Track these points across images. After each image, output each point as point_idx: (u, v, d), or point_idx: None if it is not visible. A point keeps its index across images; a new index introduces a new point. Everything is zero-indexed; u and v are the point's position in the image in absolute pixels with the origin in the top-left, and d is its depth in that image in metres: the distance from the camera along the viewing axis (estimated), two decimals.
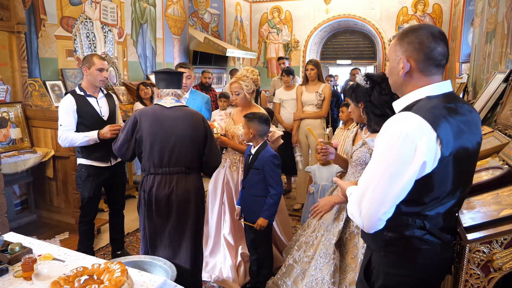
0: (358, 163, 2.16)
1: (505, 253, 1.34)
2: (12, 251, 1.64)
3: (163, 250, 2.31)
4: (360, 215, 1.23)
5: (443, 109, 1.20)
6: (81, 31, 4.74)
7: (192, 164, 2.32)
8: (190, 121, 2.29)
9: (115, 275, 1.40)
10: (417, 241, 1.28)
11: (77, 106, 2.81)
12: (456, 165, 1.21)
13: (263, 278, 2.67)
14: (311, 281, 2.20)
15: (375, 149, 1.27)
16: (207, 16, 7.91)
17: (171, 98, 2.33)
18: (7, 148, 3.51)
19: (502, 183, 1.76)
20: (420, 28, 1.27)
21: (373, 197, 1.20)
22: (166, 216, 2.28)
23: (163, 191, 2.25)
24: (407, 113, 1.20)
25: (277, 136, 2.88)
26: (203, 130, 2.33)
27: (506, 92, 2.78)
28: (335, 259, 2.12)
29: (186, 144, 2.27)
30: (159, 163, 2.26)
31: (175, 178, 2.26)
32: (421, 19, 8.23)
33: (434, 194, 1.23)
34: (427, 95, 1.25)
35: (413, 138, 1.15)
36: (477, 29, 4.74)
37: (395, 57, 1.31)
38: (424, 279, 1.33)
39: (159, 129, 2.25)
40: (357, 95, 2.07)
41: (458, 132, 1.20)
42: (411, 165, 1.16)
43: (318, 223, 2.38)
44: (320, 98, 4.20)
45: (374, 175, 1.21)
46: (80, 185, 2.92)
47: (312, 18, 9.20)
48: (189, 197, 2.30)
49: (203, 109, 3.30)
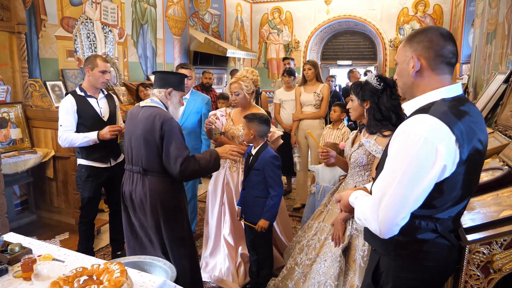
0: (356, 165, 2.16)
1: (505, 254, 1.33)
2: (12, 252, 1.64)
3: (135, 248, 2.36)
4: (378, 220, 1.19)
5: (459, 112, 1.19)
6: (82, 31, 4.74)
7: (150, 166, 2.21)
8: (146, 123, 2.19)
9: (115, 276, 1.40)
10: (428, 244, 1.27)
11: (77, 107, 2.81)
12: (468, 168, 1.20)
13: (263, 279, 2.67)
14: (313, 284, 2.19)
15: (389, 152, 1.24)
16: (207, 17, 7.92)
17: (151, 98, 2.35)
18: (8, 149, 3.52)
19: (502, 184, 1.75)
20: (429, 29, 1.27)
21: (392, 201, 1.17)
22: (131, 211, 2.34)
23: (128, 188, 2.31)
24: (425, 115, 1.18)
25: (277, 136, 2.88)
26: (158, 134, 2.17)
27: (506, 93, 2.78)
28: (341, 262, 2.10)
29: (140, 145, 2.22)
30: (127, 159, 2.34)
31: (135, 177, 2.29)
32: (421, 20, 8.23)
33: (444, 198, 1.22)
34: (442, 98, 1.23)
35: (432, 141, 1.12)
36: (477, 30, 4.74)
37: (404, 58, 1.29)
38: (432, 282, 1.33)
39: (130, 126, 2.32)
40: (364, 93, 2.04)
41: (471, 134, 1.19)
42: (432, 169, 1.13)
43: (320, 225, 2.38)
44: (318, 98, 4.20)
45: (392, 179, 1.18)
46: (80, 185, 2.92)
47: (312, 19, 9.20)
48: (146, 199, 2.22)
49: (203, 109, 3.31)
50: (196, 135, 3.34)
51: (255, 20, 9.67)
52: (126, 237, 2.43)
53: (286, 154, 4.42)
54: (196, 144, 3.35)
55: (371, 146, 2.02)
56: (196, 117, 3.32)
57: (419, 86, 1.28)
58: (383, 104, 1.99)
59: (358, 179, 2.18)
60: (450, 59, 1.24)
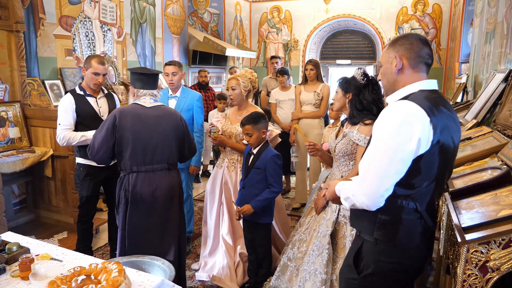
0: (341, 155, 2.30)
1: (503, 253, 1.33)
2: (10, 251, 1.64)
3: (147, 248, 2.30)
4: (363, 193, 1.35)
5: (434, 101, 1.38)
6: (80, 30, 4.73)
7: (174, 160, 2.43)
8: (173, 120, 2.40)
9: (113, 275, 1.39)
10: (409, 224, 1.42)
11: (76, 106, 2.81)
12: (441, 154, 1.37)
13: (262, 278, 2.67)
14: (304, 276, 2.25)
15: (372, 134, 1.41)
16: (206, 16, 7.90)
17: (150, 97, 2.38)
18: (6, 148, 3.51)
19: (501, 183, 1.75)
20: (409, 35, 1.49)
21: (375, 173, 1.34)
22: (150, 213, 2.32)
23: (147, 189, 2.28)
24: (404, 101, 1.37)
25: (275, 135, 2.89)
26: (183, 127, 2.45)
27: (505, 92, 2.78)
28: (329, 249, 2.19)
29: (169, 141, 2.36)
30: (142, 160, 2.29)
31: (158, 175, 2.31)
32: (421, 19, 8.23)
33: (422, 177, 1.37)
34: (420, 89, 1.43)
35: (409, 120, 1.31)
36: (476, 29, 4.74)
37: (388, 58, 1.49)
38: (410, 266, 1.48)
39: (141, 128, 2.28)
40: (348, 86, 2.22)
41: (446, 126, 1.37)
42: (409, 143, 1.30)
43: (310, 220, 2.43)
44: (318, 97, 4.20)
45: (374, 155, 1.36)
46: (79, 184, 2.91)
47: (312, 18, 9.19)
48: (173, 193, 2.39)
49: (194, 107, 3.30)
50: None
51: (254, 19, 9.66)
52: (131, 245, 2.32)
53: (285, 154, 4.42)
54: None
55: (354, 135, 2.17)
56: (187, 115, 3.26)
57: (400, 82, 1.47)
58: (365, 97, 2.17)
59: (344, 168, 2.31)
60: (427, 60, 1.46)
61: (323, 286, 2.16)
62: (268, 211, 2.63)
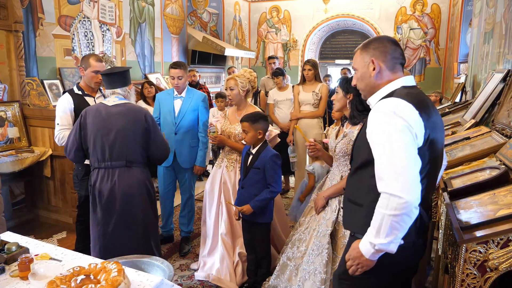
0: (341, 155, 2.30)
1: (502, 253, 1.34)
2: (9, 251, 1.64)
3: (106, 246, 2.34)
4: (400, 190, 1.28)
5: (418, 96, 1.41)
6: (79, 30, 4.72)
7: (134, 158, 2.37)
8: (131, 116, 2.37)
9: (112, 275, 1.39)
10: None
11: (75, 105, 2.81)
12: (431, 151, 1.40)
13: (261, 278, 2.67)
14: (304, 275, 2.25)
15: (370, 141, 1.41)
16: (205, 16, 7.90)
17: (115, 96, 2.43)
18: (5, 147, 3.51)
19: (499, 183, 1.76)
20: (380, 37, 1.54)
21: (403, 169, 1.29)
22: (110, 210, 2.33)
23: (105, 185, 2.31)
24: (389, 98, 1.39)
25: (274, 135, 2.89)
26: (144, 125, 2.38)
27: (503, 92, 2.78)
28: (329, 249, 2.19)
29: (127, 138, 2.34)
30: (102, 157, 2.33)
31: (116, 172, 2.32)
32: (419, 19, 8.24)
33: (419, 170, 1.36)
34: (402, 85, 1.46)
35: (401, 115, 1.32)
36: (475, 29, 4.75)
37: (363, 63, 1.52)
38: (405, 264, 1.49)
39: (101, 125, 2.33)
40: (349, 86, 2.19)
41: (434, 122, 1.40)
42: (410, 134, 1.32)
43: (310, 219, 2.44)
44: (316, 97, 4.20)
45: (389, 152, 1.32)
46: (77, 183, 2.91)
47: (311, 18, 9.19)
48: (132, 191, 2.35)
49: (200, 107, 3.29)
50: (193, 133, 3.31)
51: (253, 19, 9.66)
52: (97, 238, 2.37)
53: (284, 154, 4.42)
54: (194, 142, 3.33)
55: (355, 135, 2.15)
56: (193, 115, 3.28)
57: (380, 85, 1.50)
58: None
59: (344, 168, 2.32)
60: (402, 60, 1.51)
61: (322, 285, 2.17)
62: (267, 211, 2.63)
